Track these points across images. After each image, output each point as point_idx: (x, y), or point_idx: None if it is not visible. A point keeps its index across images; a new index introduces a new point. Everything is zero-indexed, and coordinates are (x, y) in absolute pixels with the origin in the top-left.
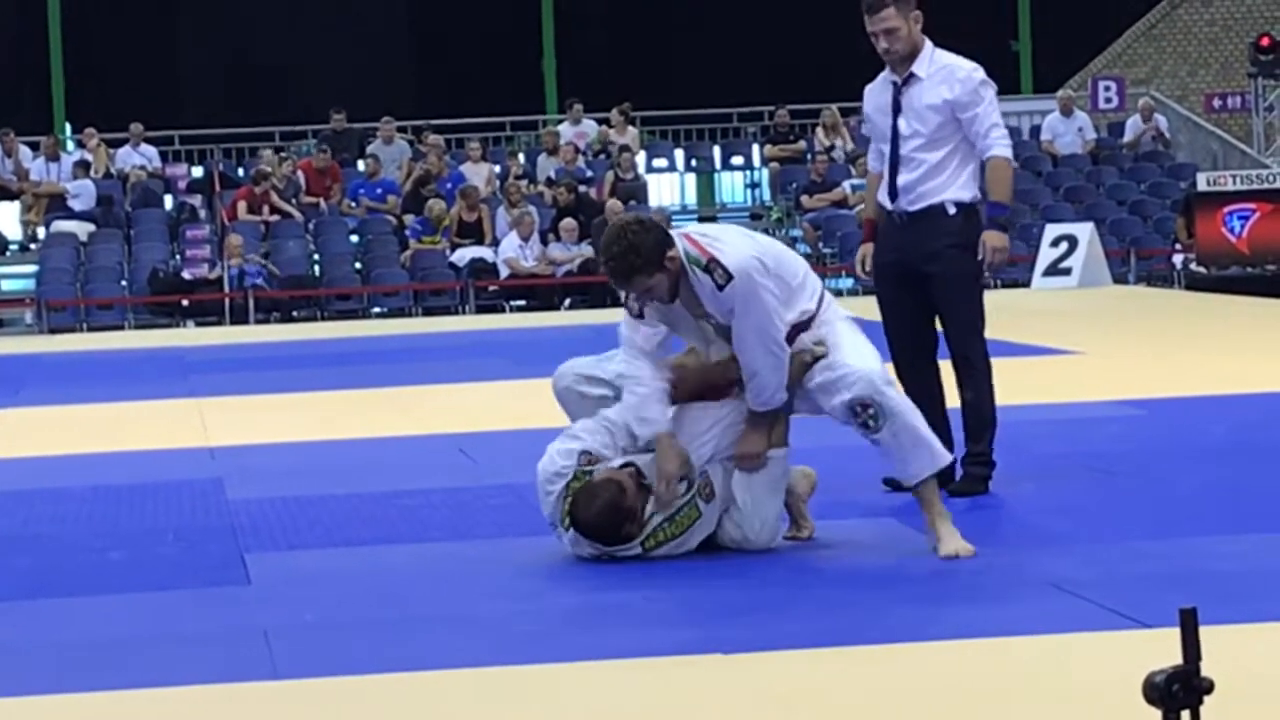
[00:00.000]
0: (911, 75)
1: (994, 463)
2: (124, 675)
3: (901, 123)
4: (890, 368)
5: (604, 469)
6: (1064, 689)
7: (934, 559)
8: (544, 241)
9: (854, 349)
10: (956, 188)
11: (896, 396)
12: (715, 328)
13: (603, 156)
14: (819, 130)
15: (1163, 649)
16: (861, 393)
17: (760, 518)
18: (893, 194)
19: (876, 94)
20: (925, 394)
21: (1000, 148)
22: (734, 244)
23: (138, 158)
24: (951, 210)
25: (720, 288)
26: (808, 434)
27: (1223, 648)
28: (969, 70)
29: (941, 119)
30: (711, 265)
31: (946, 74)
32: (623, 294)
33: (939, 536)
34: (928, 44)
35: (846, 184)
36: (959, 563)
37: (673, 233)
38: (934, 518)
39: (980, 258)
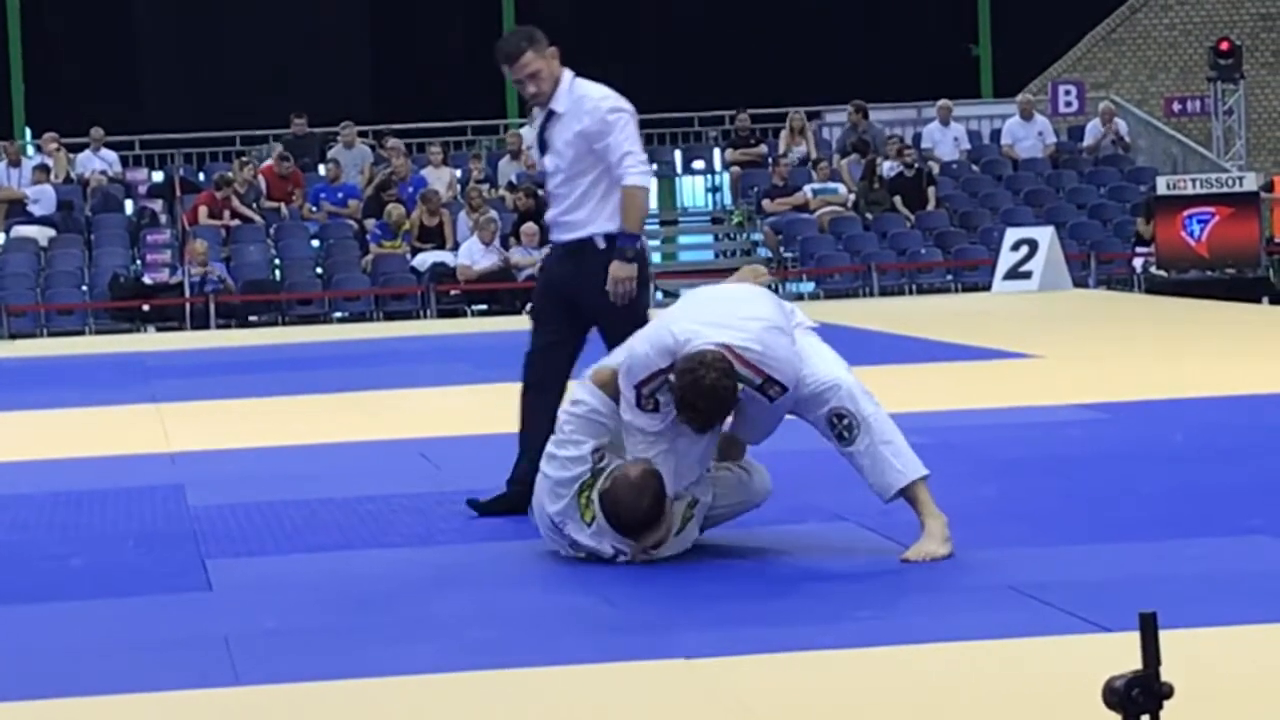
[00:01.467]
0: (552, 112)
1: None
2: (84, 682)
3: (547, 159)
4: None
5: (621, 464)
6: (1024, 693)
7: (893, 563)
8: (505, 246)
9: (829, 361)
10: (603, 220)
11: (871, 409)
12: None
13: None
14: (783, 134)
15: (1123, 653)
16: (840, 403)
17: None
18: (550, 227)
19: (535, 132)
20: (544, 415)
21: (633, 176)
22: (781, 354)
23: (98, 162)
24: (601, 244)
25: (772, 400)
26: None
27: (1183, 652)
28: (597, 100)
29: (576, 152)
30: (767, 385)
31: (579, 106)
32: (642, 396)
33: (922, 536)
34: (566, 76)
35: (808, 188)
36: (919, 567)
37: (720, 349)
38: (923, 518)
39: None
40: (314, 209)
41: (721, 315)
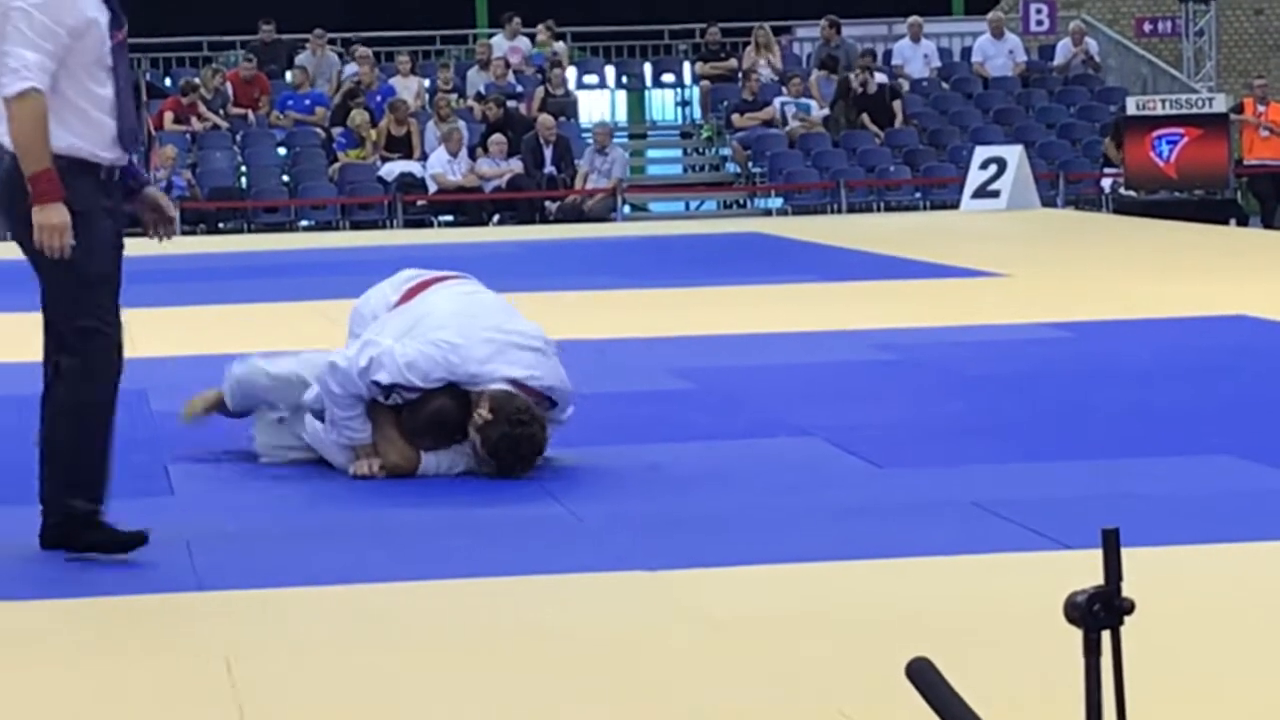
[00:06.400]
0: None
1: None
2: (45, 585)
3: None
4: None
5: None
6: (986, 608)
7: (858, 479)
8: (472, 157)
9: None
10: None
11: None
12: None
13: (538, 74)
14: (748, 49)
15: (1085, 569)
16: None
17: None
18: None
19: None
20: None
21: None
22: (556, 376)
23: None
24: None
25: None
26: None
27: (1144, 569)
28: None
29: None
30: (540, 401)
31: None
32: (381, 392)
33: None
34: None
35: (777, 102)
36: (882, 482)
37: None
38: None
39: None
40: (281, 115)
41: (495, 329)
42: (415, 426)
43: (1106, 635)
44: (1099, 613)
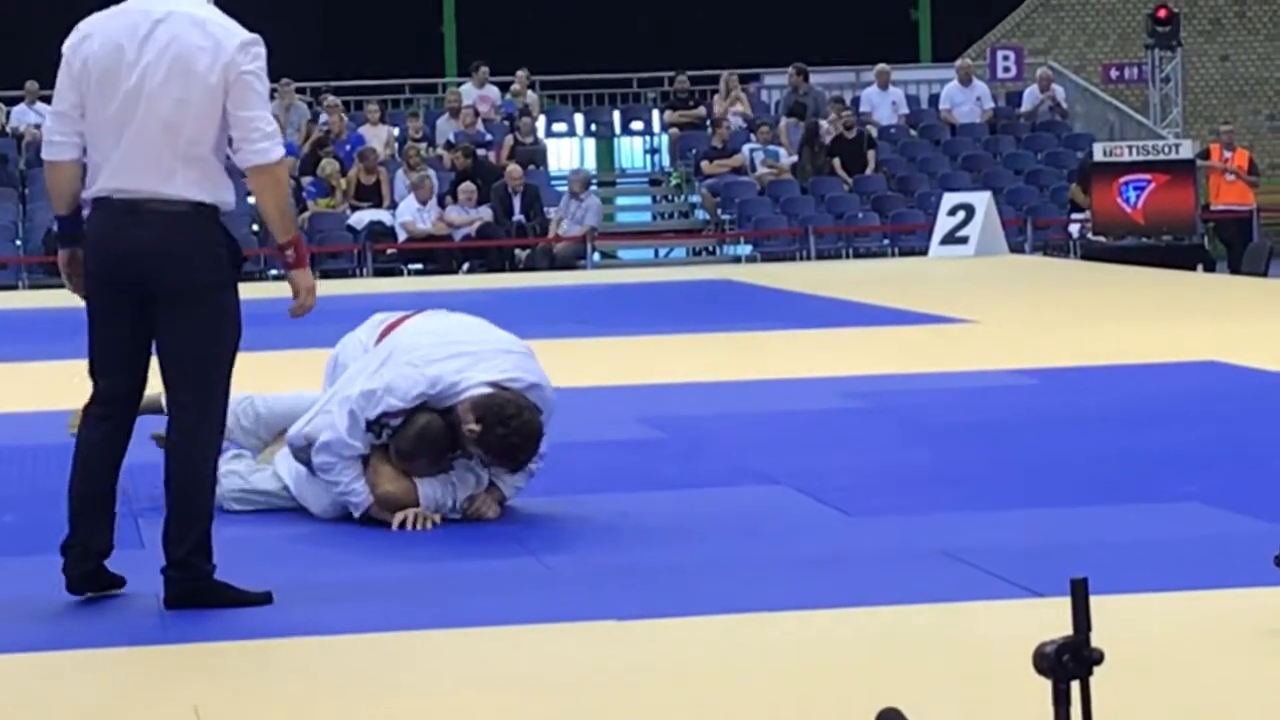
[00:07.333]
0: None
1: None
2: (15, 639)
3: None
4: None
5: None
6: (955, 658)
7: (826, 527)
8: (442, 205)
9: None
10: None
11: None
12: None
13: (506, 122)
14: (717, 96)
15: (1054, 618)
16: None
17: None
18: None
19: None
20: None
21: None
22: (540, 378)
23: (33, 116)
24: None
25: None
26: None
27: (1114, 618)
28: None
29: None
30: None
31: None
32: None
33: None
34: None
35: (746, 149)
36: (851, 529)
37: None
38: None
39: None
40: None
41: (468, 343)
42: (404, 448)
43: (1076, 685)
44: (1068, 663)
